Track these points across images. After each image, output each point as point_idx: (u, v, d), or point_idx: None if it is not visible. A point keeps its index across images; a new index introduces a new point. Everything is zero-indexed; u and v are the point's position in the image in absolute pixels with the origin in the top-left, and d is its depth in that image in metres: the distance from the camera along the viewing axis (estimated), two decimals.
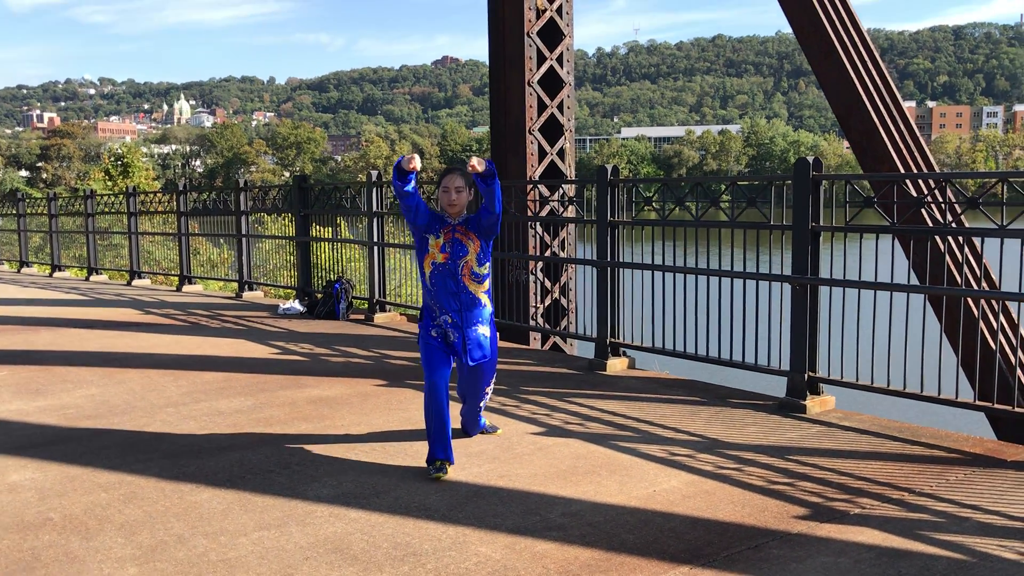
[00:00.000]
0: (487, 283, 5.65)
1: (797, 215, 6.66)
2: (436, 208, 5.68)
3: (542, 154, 11.26)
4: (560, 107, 11.36)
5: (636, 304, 8.13)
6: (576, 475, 5.28)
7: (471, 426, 6.10)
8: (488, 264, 5.65)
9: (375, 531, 4.51)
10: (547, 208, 10.32)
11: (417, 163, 5.52)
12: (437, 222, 5.59)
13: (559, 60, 11.31)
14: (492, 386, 6.01)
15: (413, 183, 5.54)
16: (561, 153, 11.40)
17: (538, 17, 11.08)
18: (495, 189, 5.41)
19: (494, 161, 11.67)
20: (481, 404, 6.01)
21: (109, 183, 34.44)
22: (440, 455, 5.37)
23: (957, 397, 6.12)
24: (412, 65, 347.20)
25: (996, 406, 6.05)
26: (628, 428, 6.26)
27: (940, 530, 4.37)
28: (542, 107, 11.22)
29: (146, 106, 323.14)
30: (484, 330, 5.64)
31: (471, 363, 5.60)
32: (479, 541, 4.36)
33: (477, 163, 5.33)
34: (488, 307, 5.67)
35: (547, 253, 10.99)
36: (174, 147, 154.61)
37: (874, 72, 8.19)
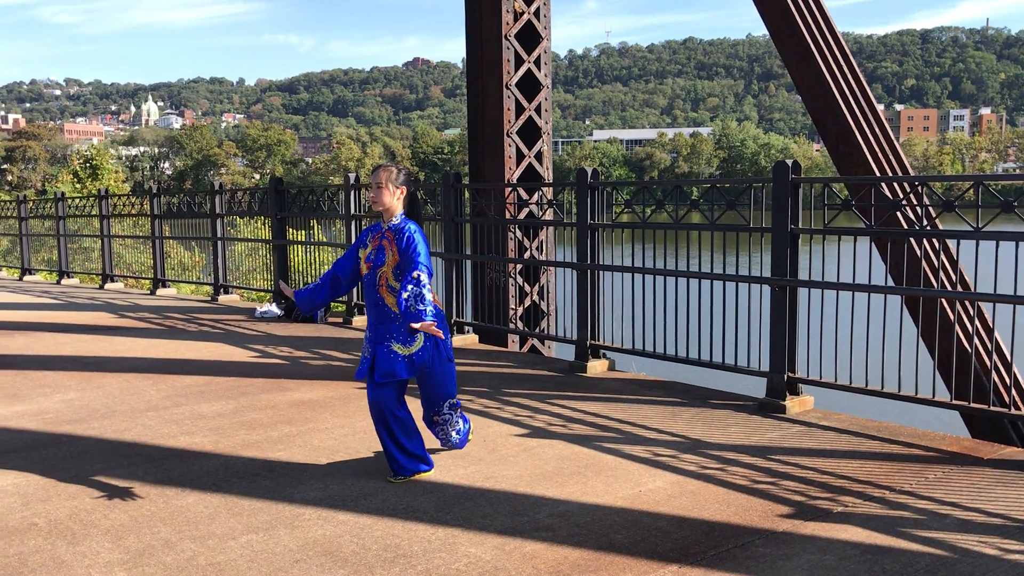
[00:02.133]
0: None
1: (776, 218, 6.74)
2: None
3: (520, 157, 11.30)
4: (538, 110, 11.40)
5: (616, 306, 8.19)
6: (562, 476, 5.32)
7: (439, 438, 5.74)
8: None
9: (364, 533, 4.52)
10: (525, 211, 10.36)
11: (287, 292, 5.57)
12: (368, 233, 5.37)
13: (537, 63, 11.36)
14: (452, 411, 5.56)
15: (315, 292, 5.44)
16: (539, 156, 11.45)
17: (516, 20, 11.12)
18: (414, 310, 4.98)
19: (472, 164, 11.73)
20: (436, 419, 5.57)
21: (78, 186, 34.04)
22: (393, 468, 5.30)
23: (934, 397, 6.24)
24: (383, 67, 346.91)
25: (972, 405, 6.16)
26: (611, 429, 6.31)
27: (921, 527, 4.45)
28: (520, 110, 11.27)
29: (113, 107, 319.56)
30: (399, 348, 5.16)
31: (376, 380, 5.18)
32: (468, 542, 4.38)
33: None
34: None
35: (525, 256, 11.03)
36: (142, 149, 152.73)
37: (849, 76, 8.31)
